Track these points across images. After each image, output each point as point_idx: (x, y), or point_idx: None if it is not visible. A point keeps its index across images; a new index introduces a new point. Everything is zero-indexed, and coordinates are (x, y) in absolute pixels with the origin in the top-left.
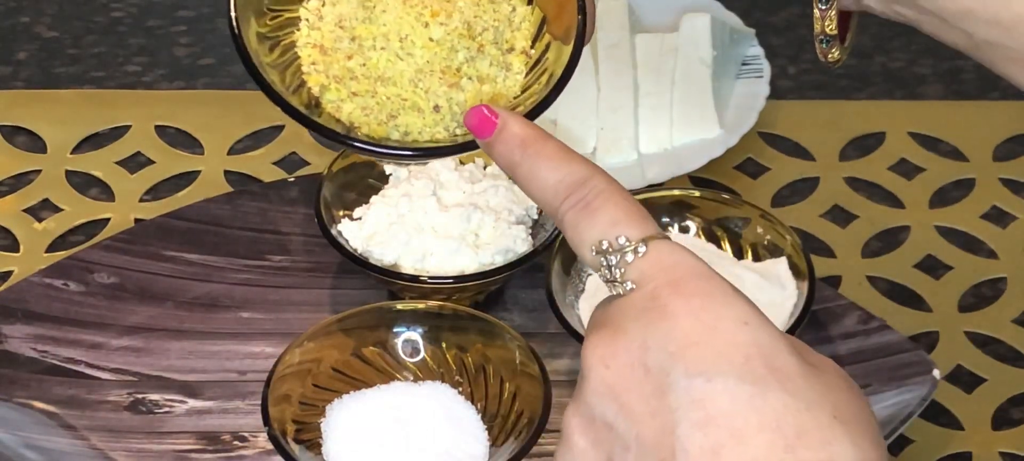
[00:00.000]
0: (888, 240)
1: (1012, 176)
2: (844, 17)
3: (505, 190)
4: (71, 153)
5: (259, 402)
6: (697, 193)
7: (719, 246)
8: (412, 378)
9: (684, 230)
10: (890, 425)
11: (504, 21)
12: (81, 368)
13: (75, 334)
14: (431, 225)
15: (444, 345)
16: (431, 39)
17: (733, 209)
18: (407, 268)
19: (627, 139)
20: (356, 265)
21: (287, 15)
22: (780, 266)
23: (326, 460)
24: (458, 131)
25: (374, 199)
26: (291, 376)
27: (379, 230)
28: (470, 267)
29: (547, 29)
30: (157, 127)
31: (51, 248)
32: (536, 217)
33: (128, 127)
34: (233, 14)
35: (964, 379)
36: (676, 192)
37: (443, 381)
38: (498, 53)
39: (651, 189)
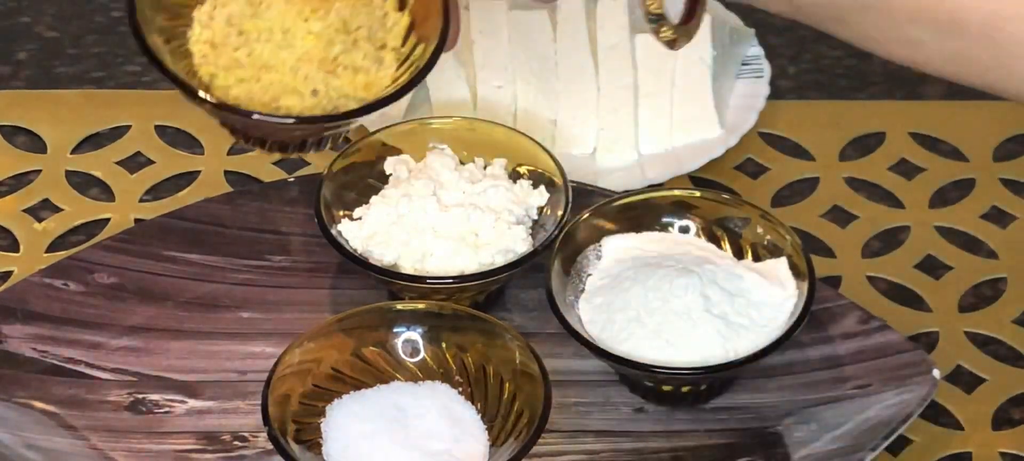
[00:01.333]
0: (888, 240)
1: (1012, 176)
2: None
3: (505, 190)
4: (71, 153)
5: (259, 402)
6: (697, 193)
7: (719, 246)
8: (412, 378)
9: (684, 230)
10: (890, 425)
11: (377, 22)
12: (81, 368)
13: (75, 334)
14: (431, 225)
15: (444, 345)
16: (310, 32)
17: (733, 209)
18: (407, 268)
19: (627, 139)
20: (356, 265)
21: (180, 25)
22: (780, 266)
23: (326, 460)
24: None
25: (374, 199)
26: (291, 376)
27: (379, 230)
28: (470, 267)
29: (415, 31)
30: (157, 127)
31: (51, 248)
32: (536, 217)
33: (128, 127)
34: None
35: (964, 379)
36: (676, 192)
37: (443, 381)
38: (371, 48)
39: (651, 189)
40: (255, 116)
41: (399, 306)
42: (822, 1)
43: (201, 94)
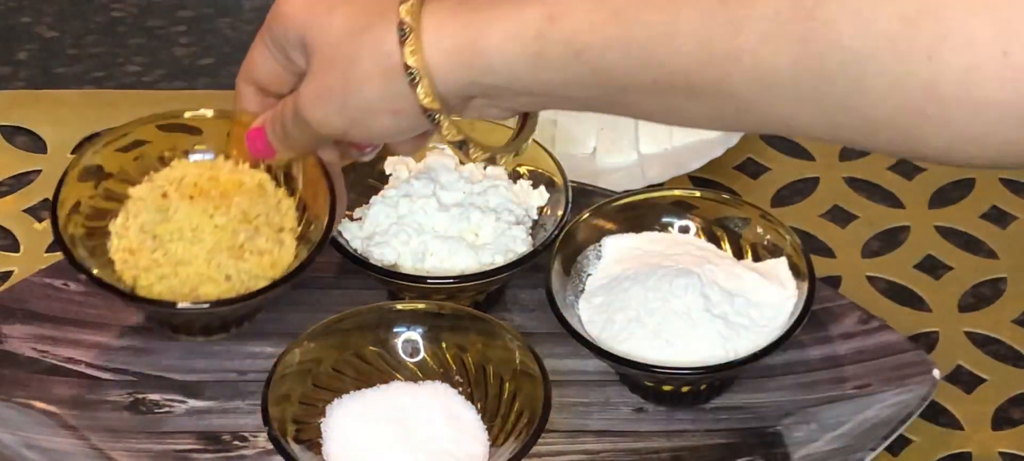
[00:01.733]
0: (888, 240)
1: (1012, 176)
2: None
3: (505, 190)
4: (71, 153)
5: (259, 402)
6: (697, 193)
7: (719, 246)
8: (412, 378)
9: (684, 230)
10: (890, 425)
11: (273, 209)
12: (81, 368)
13: (75, 334)
14: (431, 225)
15: (444, 345)
16: (217, 226)
17: (733, 209)
18: (407, 268)
19: (627, 139)
20: (357, 265)
21: (98, 242)
22: (780, 266)
23: (326, 460)
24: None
25: (374, 199)
26: (291, 376)
27: (379, 230)
28: (471, 267)
29: (308, 211)
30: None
31: (51, 248)
32: (536, 217)
33: None
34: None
35: (964, 379)
36: (676, 192)
37: (443, 381)
38: (272, 232)
39: (651, 189)
40: (179, 306)
41: (399, 306)
42: (594, 94)
43: (137, 294)
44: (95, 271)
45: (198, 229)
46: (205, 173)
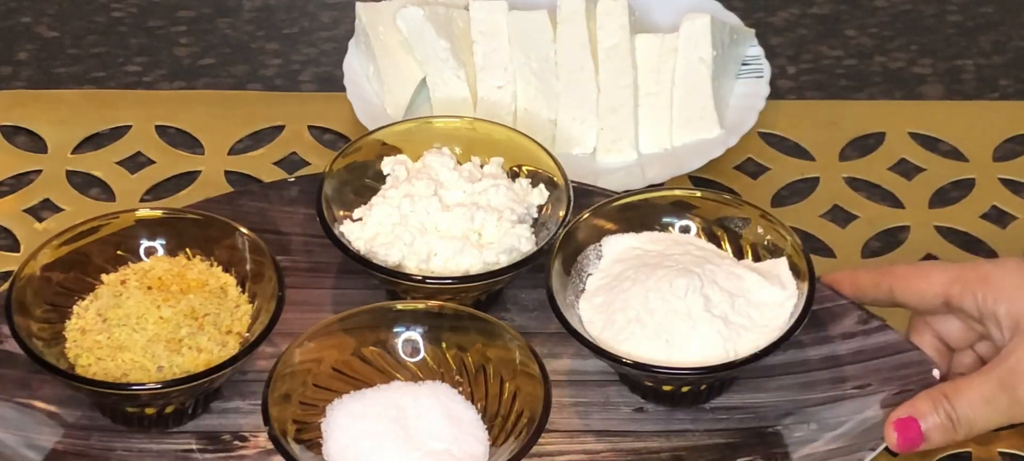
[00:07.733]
0: (888, 240)
1: (1012, 176)
2: None
3: (505, 189)
4: (72, 153)
5: (259, 402)
6: (697, 193)
7: (719, 246)
8: (412, 378)
9: (684, 230)
10: None
11: (227, 311)
12: None
13: None
14: (434, 225)
15: (444, 345)
16: (161, 317)
17: (733, 209)
18: (412, 269)
19: (627, 139)
20: (360, 266)
21: (59, 316)
22: (780, 266)
23: (326, 460)
24: None
25: (374, 200)
26: (291, 376)
27: (383, 231)
28: (475, 267)
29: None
30: (157, 127)
31: None
32: (536, 216)
33: (128, 127)
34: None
35: None
36: (676, 192)
37: (443, 381)
38: (217, 333)
39: (651, 189)
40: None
41: (399, 306)
42: None
43: (62, 371)
44: (36, 338)
45: (143, 318)
46: (173, 268)
